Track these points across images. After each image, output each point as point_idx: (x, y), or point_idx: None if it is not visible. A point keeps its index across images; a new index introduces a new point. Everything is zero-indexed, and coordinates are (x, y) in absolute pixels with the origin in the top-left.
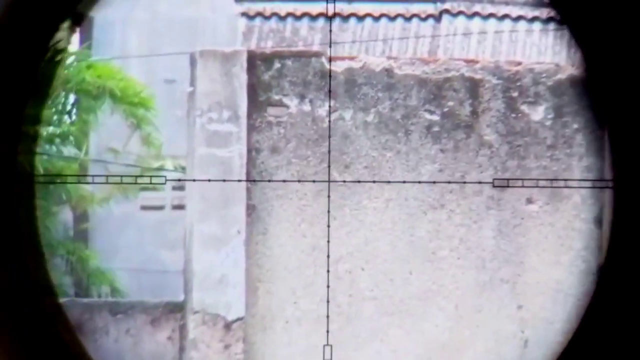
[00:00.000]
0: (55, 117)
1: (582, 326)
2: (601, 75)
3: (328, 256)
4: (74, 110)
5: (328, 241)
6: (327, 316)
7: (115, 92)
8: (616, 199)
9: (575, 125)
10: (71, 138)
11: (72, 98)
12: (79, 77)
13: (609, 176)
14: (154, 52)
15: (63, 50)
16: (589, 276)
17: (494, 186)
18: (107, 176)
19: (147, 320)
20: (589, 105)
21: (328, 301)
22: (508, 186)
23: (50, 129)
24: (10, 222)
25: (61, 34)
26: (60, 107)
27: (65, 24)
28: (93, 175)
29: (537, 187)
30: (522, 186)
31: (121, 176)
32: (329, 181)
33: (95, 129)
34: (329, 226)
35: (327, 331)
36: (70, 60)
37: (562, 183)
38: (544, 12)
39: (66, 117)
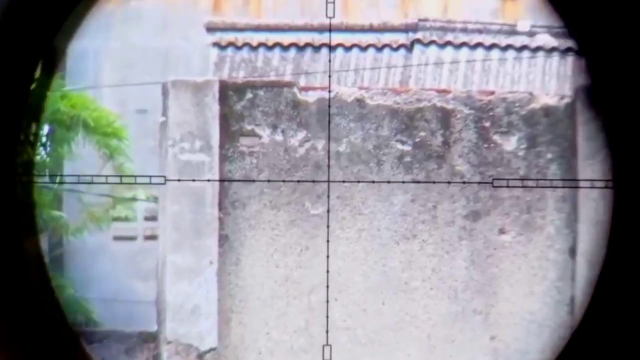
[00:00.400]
0: (28, 146)
1: (582, 326)
2: (601, 75)
3: (327, 257)
4: (48, 141)
5: (328, 240)
6: (327, 316)
7: (88, 122)
8: (616, 199)
9: (549, 155)
10: (45, 168)
11: (46, 129)
12: (53, 107)
13: (608, 176)
14: (127, 82)
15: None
16: (563, 307)
17: (493, 186)
18: (106, 176)
19: (122, 349)
20: (589, 105)
21: (328, 301)
22: (508, 186)
23: (25, 157)
24: (10, 226)
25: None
26: (33, 137)
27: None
28: (92, 176)
29: (536, 187)
30: (522, 186)
31: (120, 176)
32: (328, 181)
33: (68, 159)
34: (328, 226)
35: (327, 331)
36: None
37: (560, 183)
38: (518, 41)
39: (40, 147)
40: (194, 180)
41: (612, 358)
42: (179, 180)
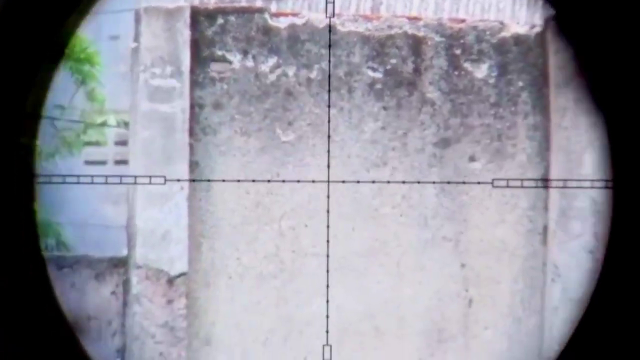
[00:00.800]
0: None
1: (582, 326)
2: (601, 74)
3: (327, 257)
4: None
5: (328, 243)
6: (327, 316)
7: None
8: (616, 199)
9: (520, 83)
10: None
11: None
12: None
13: (608, 176)
14: (100, 9)
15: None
16: (535, 236)
17: (493, 186)
18: (106, 176)
19: (91, 275)
20: (589, 103)
21: (327, 301)
22: (507, 186)
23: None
24: (9, 223)
25: None
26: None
27: None
28: (92, 176)
29: (536, 186)
30: (521, 186)
31: (120, 176)
32: (328, 181)
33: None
34: (328, 227)
35: (327, 331)
36: None
37: (560, 183)
38: None
39: None
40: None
41: (612, 358)
42: (178, 180)
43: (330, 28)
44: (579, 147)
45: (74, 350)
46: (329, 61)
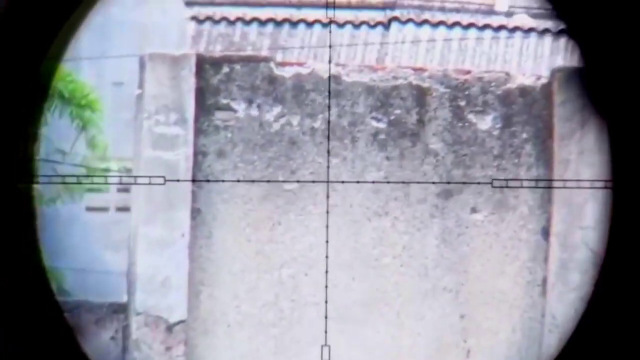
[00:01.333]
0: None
1: (581, 326)
2: (600, 74)
3: (326, 257)
4: None
5: (327, 244)
6: (326, 316)
7: (63, 94)
8: (615, 199)
9: (524, 135)
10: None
11: None
12: None
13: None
14: (104, 54)
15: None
16: (534, 287)
17: (492, 187)
18: (106, 176)
19: (92, 320)
20: (588, 103)
21: (327, 301)
22: (507, 187)
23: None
24: (9, 223)
25: None
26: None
27: None
28: (93, 176)
29: (536, 187)
30: (521, 186)
31: (120, 176)
32: (327, 181)
33: (44, 131)
34: (327, 227)
35: (326, 331)
36: None
37: (560, 184)
38: (495, 20)
39: None
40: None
41: (612, 358)
42: (178, 180)
43: (330, 77)
44: (581, 199)
45: (74, 350)
46: (329, 106)
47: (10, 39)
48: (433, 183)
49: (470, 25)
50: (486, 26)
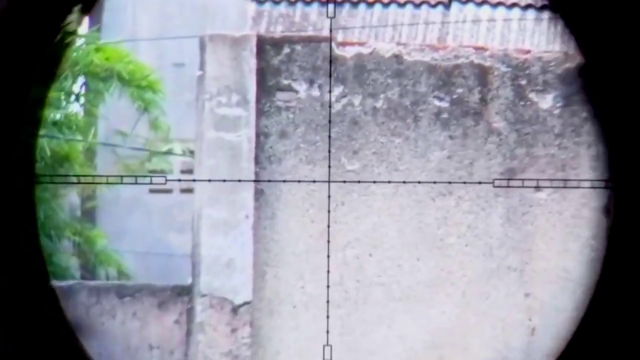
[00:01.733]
0: (62, 100)
1: (582, 326)
2: (600, 74)
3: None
4: (82, 93)
5: (328, 227)
6: (327, 317)
7: (123, 75)
8: (616, 199)
9: (584, 114)
10: (78, 121)
11: (80, 81)
12: (87, 60)
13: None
14: (164, 35)
15: (73, 32)
16: (597, 265)
17: (494, 186)
18: (107, 176)
19: (154, 304)
20: (588, 103)
21: (328, 301)
22: (508, 186)
23: (58, 111)
24: (9, 223)
25: (72, 17)
26: (67, 90)
27: (76, 7)
28: (94, 176)
29: (536, 187)
30: (522, 186)
31: (121, 176)
32: (329, 181)
33: (103, 112)
34: (328, 227)
35: (327, 331)
36: (79, 43)
37: (561, 183)
38: None
39: (74, 100)
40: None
41: (612, 358)
42: (179, 180)
43: (396, 56)
44: None
45: (74, 350)
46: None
47: (10, 39)
48: (434, 183)
49: (529, 6)
50: (545, 7)
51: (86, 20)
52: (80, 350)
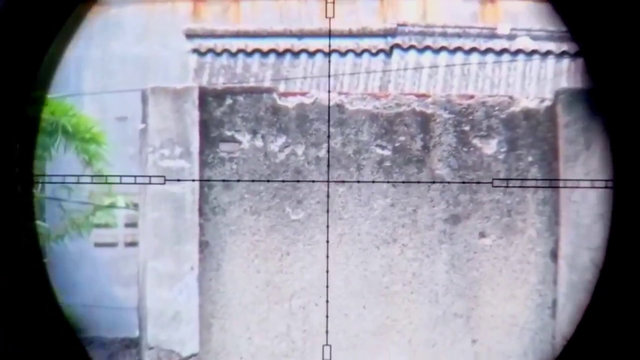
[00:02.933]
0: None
1: (582, 327)
2: (601, 74)
3: (327, 242)
4: None
5: (328, 244)
6: (327, 316)
7: (67, 128)
8: (616, 199)
9: (530, 158)
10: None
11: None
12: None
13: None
14: (107, 89)
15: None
16: (545, 310)
17: (493, 186)
18: (106, 176)
19: (105, 355)
20: (588, 103)
21: (327, 301)
22: (507, 186)
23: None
24: (9, 223)
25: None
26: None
27: None
28: (92, 176)
29: (536, 187)
30: (522, 186)
31: (120, 176)
32: (328, 181)
33: (49, 166)
34: (328, 227)
35: (327, 331)
36: None
37: (561, 183)
38: (497, 44)
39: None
40: (178, 181)
41: (612, 358)
42: (178, 180)
43: (331, 106)
44: (589, 220)
45: (74, 350)
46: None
47: (9, 38)
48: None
49: (473, 50)
50: (488, 50)
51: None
52: (80, 350)
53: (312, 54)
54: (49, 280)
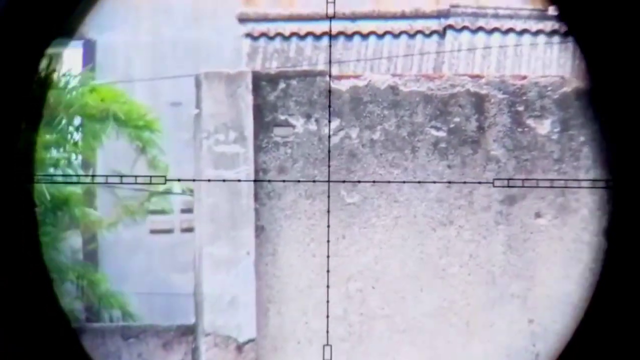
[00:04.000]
0: (59, 142)
1: (582, 327)
2: (601, 74)
3: (328, 257)
4: (79, 135)
5: (328, 243)
6: (327, 316)
7: (119, 116)
8: (616, 199)
9: (582, 138)
10: (77, 163)
11: (76, 122)
12: (82, 101)
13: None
14: (159, 75)
15: (53, 70)
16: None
17: (494, 186)
18: (106, 176)
19: (159, 344)
20: (588, 104)
21: (328, 301)
22: (508, 186)
23: (55, 153)
24: (9, 223)
25: (52, 51)
26: (63, 132)
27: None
28: (97, 175)
29: (536, 187)
30: (522, 186)
31: (121, 176)
32: (328, 181)
33: (101, 153)
34: (328, 226)
35: (327, 331)
36: (73, 83)
37: (562, 183)
38: (548, 25)
39: (71, 142)
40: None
41: (612, 358)
42: (178, 180)
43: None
44: None
45: (74, 350)
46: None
47: (9, 38)
48: (433, 182)
49: (524, 31)
50: (540, 31)
51: (80, 60)
52: (80, 350)
53: (365, 36)
54: (49, 280)
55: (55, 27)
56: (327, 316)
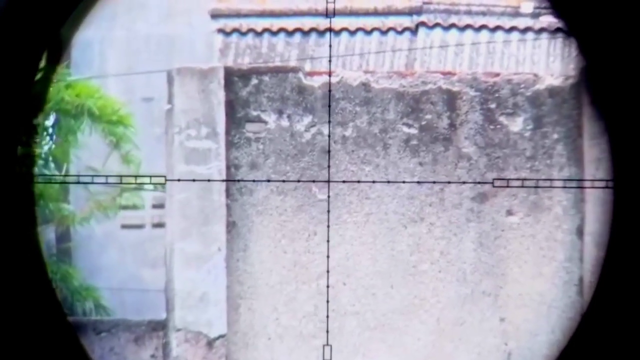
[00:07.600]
0: (34, 138)
1: (582, 326)
2: (601, 74)
3: (328, 256)
4: (54, 131)
5: (328, 240)
6: (327, 316)
7: (93, 111)
8: (616, 199)
9: (555, 136)
10: (51, 159)
11: (52, 118)
12: (57, 97)
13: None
14: (132, 70)
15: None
16: (571, 287)
17: (493, 186)
18: (106, 176)
19: (130, 339)
20: (589, 104)
21: (328, 301)
22: (508, 186)
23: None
24: (9, 223)
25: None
26: (40, 128)
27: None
28: (92, 176)
29: (536, 187)
30: (522, 186)
31: (120, 176)
32: (328, 181)
33: (75, 149)
34: (328, 226)
35: (327, 331)
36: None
37: (560, 183)
38: (522, 22)
39: (47, 137)
40: (194, 180)
41: (612, 357)
42: (179, 180)
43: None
44: None
45: (74, 350)
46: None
47: (10, 38)
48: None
49: (497, 28)
50: (513, 28)
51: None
52: (80, 350)
53: (337, 33)
54: (50, 279)
55: (54, 27)
56: (327, 316)
